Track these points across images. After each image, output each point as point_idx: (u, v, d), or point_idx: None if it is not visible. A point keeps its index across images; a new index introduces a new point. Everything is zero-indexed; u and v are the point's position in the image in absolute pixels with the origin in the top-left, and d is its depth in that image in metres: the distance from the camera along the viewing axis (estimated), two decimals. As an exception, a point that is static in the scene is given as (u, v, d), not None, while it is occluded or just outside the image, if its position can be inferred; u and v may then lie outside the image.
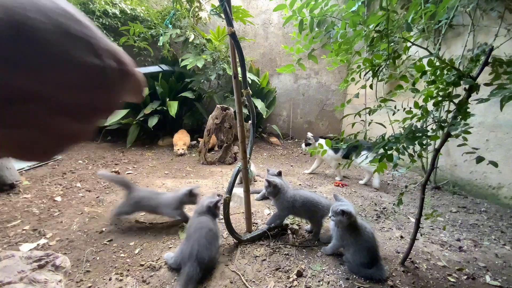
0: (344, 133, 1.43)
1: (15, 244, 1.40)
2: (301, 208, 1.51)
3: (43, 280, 0.97)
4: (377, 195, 2.32)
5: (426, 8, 1.19)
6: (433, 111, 1.12)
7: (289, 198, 1.50)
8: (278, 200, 1.52)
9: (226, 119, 3.11)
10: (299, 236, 1.57)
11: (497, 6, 2.04)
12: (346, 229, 1.28)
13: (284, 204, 1.51)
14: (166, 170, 2.84)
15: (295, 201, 1.50)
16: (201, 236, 1.22)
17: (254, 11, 4.42)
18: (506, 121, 2.07)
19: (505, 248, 1.56)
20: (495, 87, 0.92)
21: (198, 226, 1.27)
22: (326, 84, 4.64)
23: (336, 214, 1.27)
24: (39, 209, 1.79)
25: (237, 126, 1.43)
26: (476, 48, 2.14)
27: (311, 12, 1.32)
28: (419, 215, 1.24)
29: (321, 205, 1.51)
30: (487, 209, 2.06)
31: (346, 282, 1.20)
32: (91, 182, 2.35)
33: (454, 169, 2.51)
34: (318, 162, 2.91)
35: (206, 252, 1.19)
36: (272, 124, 4.67)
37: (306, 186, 2.50)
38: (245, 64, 1.36)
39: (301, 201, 1.51)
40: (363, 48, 1.43)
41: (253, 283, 1.18)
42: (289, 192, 1.53)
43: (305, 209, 1.51)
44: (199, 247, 1.18)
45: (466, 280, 1.26)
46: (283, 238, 1.54)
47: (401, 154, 1.10)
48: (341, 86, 1.68)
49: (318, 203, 1.51)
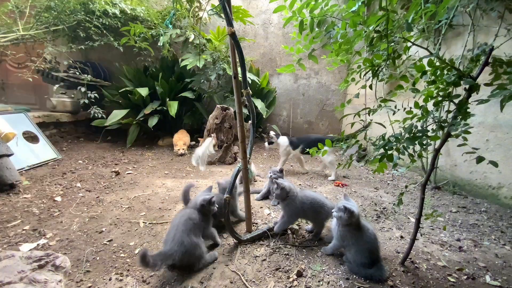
0: (344, 133, 1.43)
1: (15, 244, 1.40)
2: (309, 210, 1.49)
3: (43, 280, 0.97)
4: (377, 195, 2.32)
5: (426, 8, 1.19)
6: (433, 111, 1.12)
7: (299, 203, 1.48)
8: (287, 205, 1.49)
9: (226, 119, 3.11)
10: (299, 236, 1.57)
11: (497, 6, 2.04)
12: (348, 229, 1.28)
13: (293, 210, 1.49)
14: (166, 170, 2.84)
15: (304, 204, 1.49)
16: (180, 222, 1.24)
17: (254, 11, 4.43)
18: (506, 121, 2.07)
19: (505, 248, 1.56)
20: (495, 87, 0.92)
21: (179, 215, 1.30)
22: (326, 84, 4.64)
23: (338, 210, 1.28)
24: (39, 209, 1.79)
25: (237, 126, 1.43)
26: (476, 48, 2.14)
27: (311, 12, 1.32)
28: (419, 215, 1.23)
29: (327, 207, 1.50)
30: (487, 209, 2.06)
31: (346, 282, 1.20)
32: (91, 182, 2.35)
33: (454, 169, 2.51)
34: (283, 157, 2.87)
35: (185, 237, 1.19)
36: (272, 124, 4.67)
37: (306, 186, 2.50)
38: (245, 64, 1.36)
39: (308, 202, 1.49)
40: (363, 48, 1.43)
41: (253, 283, 1.18)
42: (298, 196, 1.51)
43: (312, 210, 1.50)
44: (177, 232, 1.20)
45: (466, 280, 1.26)
46: (283, 238, 1.54)
47: (401, 154, 1.10)
48: (341, 86, 1.68)
49: (324, 204, 1.51)
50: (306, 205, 1.49)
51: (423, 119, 1.12)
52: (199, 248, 1.24)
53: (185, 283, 1.16)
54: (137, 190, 2.21)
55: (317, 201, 1.51)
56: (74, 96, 3.96)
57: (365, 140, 1.49)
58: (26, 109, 3.28)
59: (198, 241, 1.24)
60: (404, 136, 1.08)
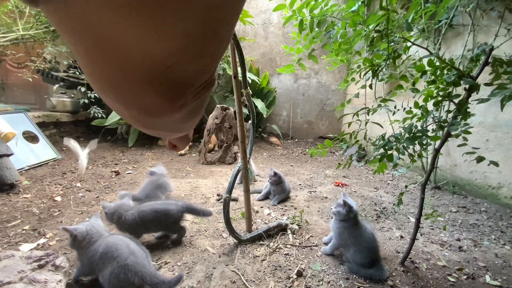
0: (344, 133, 1.43)
1: (15, 244, 1.40)
2: (153, 222, 1.37)
3: (43, 280, 0.97)
4: (377, 195, 2.32)
5: (426, 8, 1.19)
6: (433, 111, 1.12)
7: (132, 221, 1.32)
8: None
9: (226, 119, 3.11)
10: (299, 236, 1.57)
11: (497, 6, 2.04)
12: (346, 226, 1.29)
13: (127, 229, 1.32)
14: (166, 170, 2.84)
15: (144, 219, 1.35)
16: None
17: (254, 11, 4.42)
18: (506, 121, 2.07)
19: (505, 248, 1.56)
20: (495, 87, 0.92)
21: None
22: (326, 84, 4.64)
23: (337, 205, 1.30)
24: (39, 209, 1.79)
25: (237, 126, 1.43)
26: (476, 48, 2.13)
27: (311, 12, 1.32)
28: (419, 215, 1.23)
29: (172, 211, 1.39)
30: (487, 209, 2.06)
31: (346, 282, 1.20)
32: (91, 182, 2.35)
33: (454, 169, 2.51)
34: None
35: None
36: (272, 124, 4.67)
37: (306, 186, 2.50)
38: (245, 64, 1.36)
39: (151, 216, 1.37)
40: (363, 48, 1.43)
41: (253, 283, 1.18)
42: (128, 217, 1.32)
43: (157, 221, 1.38)
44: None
45: (466, 280, 1.26)
46: (283, 238, 1.54)
47: (401, 154, 1.10)
48: (341, 86, 1.68)
49: (168, 210, 1.39)
50: (147, 219, 1.34)
51: (423, 119, 1.12)
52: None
53: (185, 282, 1.16)
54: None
55: (160, 210, 1.37)
56: (74, 96, 3.95)
57: (365, 140, 1.49)
58: (26, 109, 3.27)
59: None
60: (404, 136, 1.08)
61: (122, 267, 0.99)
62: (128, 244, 1.07)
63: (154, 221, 1.35)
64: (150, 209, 1.36)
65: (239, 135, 1.44)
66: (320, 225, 1.72)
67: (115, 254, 1.01)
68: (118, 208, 1.33)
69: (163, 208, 1.38)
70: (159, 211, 1.36)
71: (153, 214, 1.35)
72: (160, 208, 1.37)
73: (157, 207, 1.38)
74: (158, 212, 1.36)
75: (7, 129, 2.27)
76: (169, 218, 1.38)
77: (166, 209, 1.38)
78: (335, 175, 2.87)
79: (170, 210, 1.38)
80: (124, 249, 1.03)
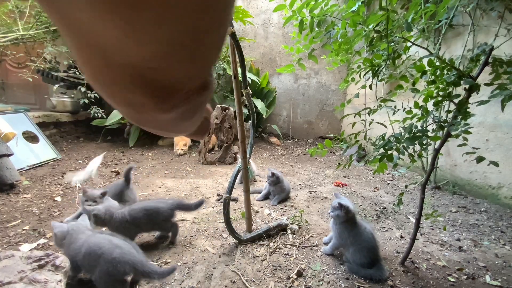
0: (344, 133, 1.43)
1: (15, 244, 1.40)
2: (144, 221, 1.38)
3: (43, 280, 0.97)
4: (377, 195, 2.32)
5: (426, 8, 1.19)
6: (433, 111, 1.12)
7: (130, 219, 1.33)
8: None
9: (226, 119, 3.11)
10: (299, 236, 1.57)
11: (497, 6, 2.04)
12: (345, 227, 1.29)
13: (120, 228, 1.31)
14: (166, 170, 2.84)
15: (135, 218, 1.35)
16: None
17: (254, 11, 4.42)
18: (506, 121, 2.07)
19: (505, 248, 1.56)
20: (495, 87, 0.92)
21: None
22: (326, 84, 4.64)
23: (334, 209, 1.28)
24: (39, 209, 1.79)
25: (237, 126, 1.43)
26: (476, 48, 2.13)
27: (311, 12, 1.32)
28: (419, 215, 1.24)
29: (162, 209, 1.40)
30: (487, 209, 2.06)
31: (346, 282, 1.20)
32: (91, 182, 2.35)
33: (454, 169, 2.51)
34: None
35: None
36: (272, 124, 4.67)
37: (306, 186, 2.50)
38: (245, 64, 1.36)
39: (142, 214, 1.38)
40: (363, 48, 1.43)
41: (253, 283, 1.18)
42: (126, 214, 1.34)
43: (150, 220, 1.39)
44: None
45: (466, 280, 1.26)
46: (283, 238, 1.54)
47: (401, 154, 1.10)
48: (341, 86, 1.68)
49: (158, 208, 1.40)
50: (138, 217, 1.35)
51: (423, 119, 1.12)
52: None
53: (185, 283, 1.17)
54: (137, 190, 2.21)
55: (150, 208, 1.38)
56: (74, 96, 3.95)
57: (365, 140, 1.49)
58: (26, 109, 3.27)
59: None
60: (404, 136, 1.08)
61: (110, 261, 1.00)
62: (111, 240, 1.07)
63: (145, 220, 1.36)
64: (141, 208, 1.37)
65: (239, 135, 1.44)
66: (320, 225, 1.72)
67: (99, 252, 1.02)
68: (107, 209, 1.34)
69: (153, 206, 1.39)
70: (149, 209, 1.37)
71: (143, 213, 1.36)
72: (150, 206, 1.39)
73: (147, 206, 1.39)
74: (148, 210, 1.37)
75: (7, 129, 2.27)
76: (159, 216, 1.38)
77: (156, 207, 1.39)
78: (335, 175, 2.87)
79: (160, 208, 1.39)
80: (107, 245, 1.04)
